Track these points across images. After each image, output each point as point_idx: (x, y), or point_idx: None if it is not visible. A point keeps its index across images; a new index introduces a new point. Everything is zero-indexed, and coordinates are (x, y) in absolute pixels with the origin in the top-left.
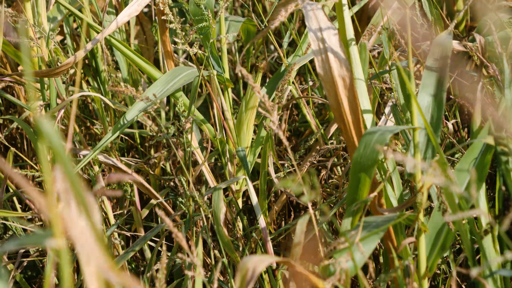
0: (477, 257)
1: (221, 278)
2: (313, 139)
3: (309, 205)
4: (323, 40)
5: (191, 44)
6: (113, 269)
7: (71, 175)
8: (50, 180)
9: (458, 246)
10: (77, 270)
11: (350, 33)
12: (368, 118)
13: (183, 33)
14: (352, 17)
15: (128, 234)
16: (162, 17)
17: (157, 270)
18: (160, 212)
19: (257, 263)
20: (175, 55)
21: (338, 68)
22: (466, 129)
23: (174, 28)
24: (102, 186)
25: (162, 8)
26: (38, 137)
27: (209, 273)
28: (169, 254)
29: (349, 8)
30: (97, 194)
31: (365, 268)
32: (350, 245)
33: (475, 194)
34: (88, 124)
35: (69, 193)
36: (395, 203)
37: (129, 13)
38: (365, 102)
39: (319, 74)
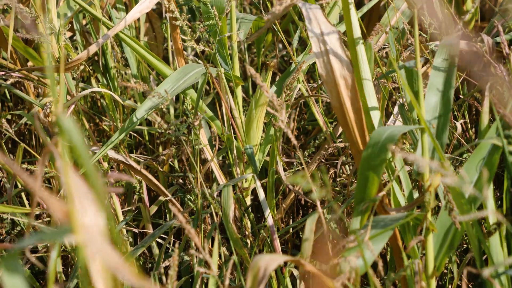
0: (484, 257)
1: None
2: (322, 138)
3: (318, 203)
4: (324, 42)
5: (198, 42)
6: (127, 268)
7: (91, 173)
8: (69, 179)
9: (465, 245)
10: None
11: (357, 32)
12: (376, 117)
13: (190, 31)
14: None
15: (136, 230)
16: (171, 15)
17: (165, 267)
18: (174, 208)
19: (269, 262)
20: (184, 52)
21: (340, 68)
22: (473, 129)
23: (181, 25)
24: (112, 183)
25: (167, 5)
26: (59, 134)
27: (218, 270)
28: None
29: (355, 7)
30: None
31: (372, 267)
32: (360, 243)
33: (487, 193)
34: (97, 120)
35: (86, 191)
36: (403, 202)
37: (140, 9)
38: (372, 101)
39: (321, 75)
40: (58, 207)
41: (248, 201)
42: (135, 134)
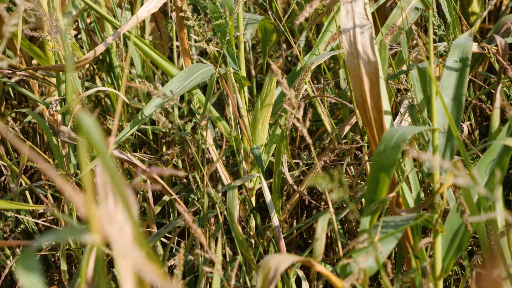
0: None
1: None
2: (328, 139)
3: (330, 203)
4: (355, 35)
5: (208, 42)
6: (153, 268)
7: (112, 170)
8: (88, 175)
9: (469, 247)
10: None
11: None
12: (387, 118)
13: (201, 31)
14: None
15: (140, 230)
16: (180, 14)
17: (170, 267)
18: (180, 208)
19: (280, 262)
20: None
21: (366, 65)
22: (478, 131)
23: (192, 25)
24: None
25: (180, 5)
26: (78, 132)
27: (222, 270)
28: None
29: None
30: (135, 188)
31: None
32: (372, 243)
33: (498, 195)
34: (101, 119)
35: (108, 187)
36: (411, 203)
37: (148, 9)
38: (384, 102)
39: (348, 68)
40: (84, 203)
41: (253, 201)
42: (139, 133)
